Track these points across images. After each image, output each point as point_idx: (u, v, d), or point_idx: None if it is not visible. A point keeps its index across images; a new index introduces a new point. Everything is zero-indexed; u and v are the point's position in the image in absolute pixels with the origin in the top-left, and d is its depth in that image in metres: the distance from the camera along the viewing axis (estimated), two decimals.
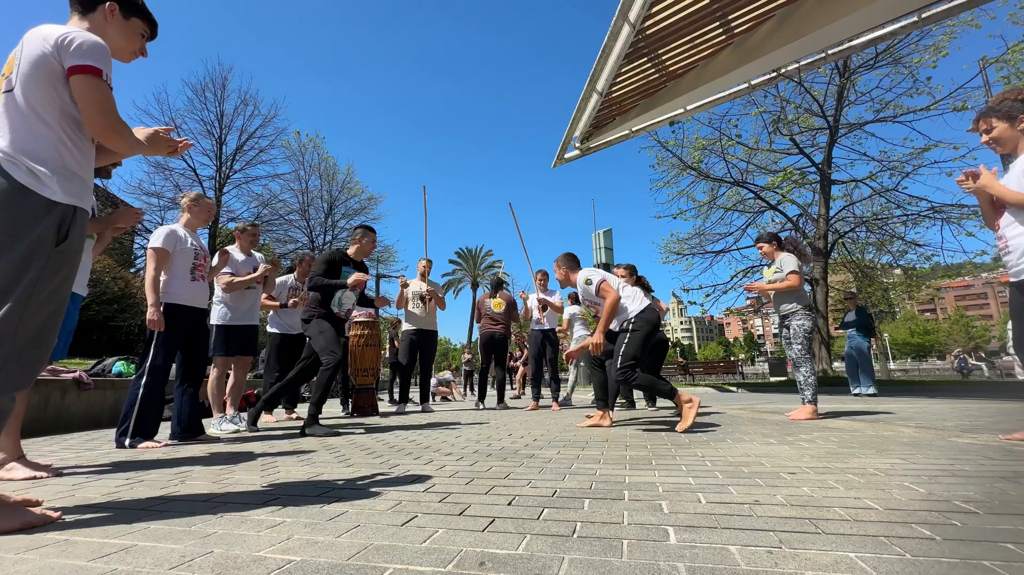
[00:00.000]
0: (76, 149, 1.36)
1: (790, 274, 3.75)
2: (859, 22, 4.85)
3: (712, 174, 13.73)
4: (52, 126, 1.31)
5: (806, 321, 3.73)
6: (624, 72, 6.04)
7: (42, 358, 1.29)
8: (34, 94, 1.30)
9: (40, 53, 1.30)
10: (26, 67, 1.30)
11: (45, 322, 1.27)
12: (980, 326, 63.32)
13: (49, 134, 1.31)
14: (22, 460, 2.03)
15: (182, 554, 1.01)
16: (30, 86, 1.30)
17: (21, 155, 1.26)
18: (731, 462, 1.93)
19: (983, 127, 2.44)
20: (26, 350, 1.23)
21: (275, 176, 19.09)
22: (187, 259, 3.11)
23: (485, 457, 2.19)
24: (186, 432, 3.11)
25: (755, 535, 1.05)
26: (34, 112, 1.30)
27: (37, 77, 1.30)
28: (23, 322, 1.21)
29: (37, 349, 1.26)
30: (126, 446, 2.74)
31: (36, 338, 1.25)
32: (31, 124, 1.29)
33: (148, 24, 1.65)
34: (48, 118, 1.31)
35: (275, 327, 4.86)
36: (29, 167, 1.26)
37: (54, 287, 1.28)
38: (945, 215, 11.45)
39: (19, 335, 1.21)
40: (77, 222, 1.33)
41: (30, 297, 1.22)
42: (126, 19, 1.57)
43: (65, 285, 1.32)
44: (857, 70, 11.73)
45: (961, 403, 5.06)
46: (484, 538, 1.07)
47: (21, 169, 1.25)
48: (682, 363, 20.03)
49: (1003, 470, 1.66)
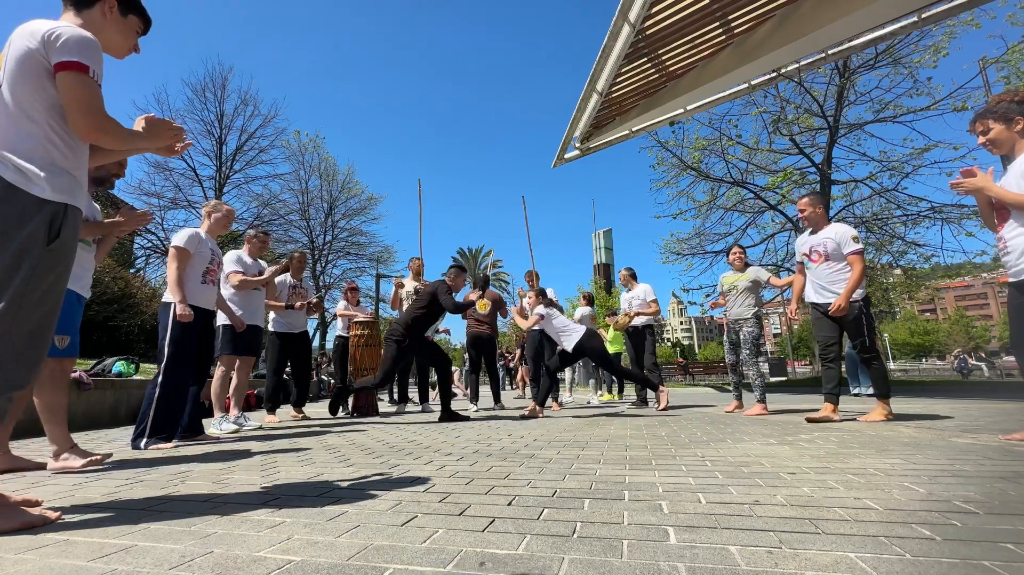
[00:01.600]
0: (65, 146, 1.34)
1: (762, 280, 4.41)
2: (859, 22, 4.85)
3: (712, 174, 13.71)
4: (40, 123, 1.29)
5: (756, 328, 4.35)
6: (624, 72, 6.04)
7: (39, 357, 1.28)
8: (21, 91, 1.28)
9: (26, 49, 1.28)
10: (12, 64, 1.28)
11: (40, 321, 1.26)
12: (980, 326, 63.30)
13: (37, 131, 1.28)
14: (75, 449, 2.16)
15: (182, 554, 1.01)
16: (17, 83, 1.28)
17: (8, 153, 1.24)
18: (731, 462, 1.93)
19: (980, 129, 2.45)
20: (23, 350, 1.23)
21: (275, 176, 19.10)
22: (202, 263, 3.18)
23: (485, 457, 2.19)
24: (186, 432, 3.12)
25: (755, 535, 1.05)
26: (21, 109, 1.27)
27: (24, 74, 1.28)
28: (17, 321, 1.20)
29: (34, 348, 1.26)
30: (141, 447, 2.72)
31: (32, 337, 1.25)
32: (18, 122, 1.27)
33: (144, 21, 1.64)
34: (36, 115, 1.29)
35: (277, 327, 4.87)
36: (16, 165, 1.24)
37: (48, 286, 1.26)
38: (945, 215, 11.43)
39: (15, 334, 1.20)
40: (69, 219, 1.31)
41: (23, 296, 1.21)
42: (124, 16, 1.57)
43: (59, 283, 1.31)
44: (857, 70, 11.71)
45: (961, 403, 5.06)
46: (484, 538, 1.07)
47: (8, 168, 1.23)
48: (682, 363, 20.04)
49: (1003, 470, 1.66)
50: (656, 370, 5.32)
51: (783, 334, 57.24)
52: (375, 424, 4.14)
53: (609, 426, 3.47)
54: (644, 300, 5.33)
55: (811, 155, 12.82)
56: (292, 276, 5.00)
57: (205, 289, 3.19)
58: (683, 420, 3.81)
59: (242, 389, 4.08)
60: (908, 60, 10.88)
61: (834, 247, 3.37)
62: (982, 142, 2.44)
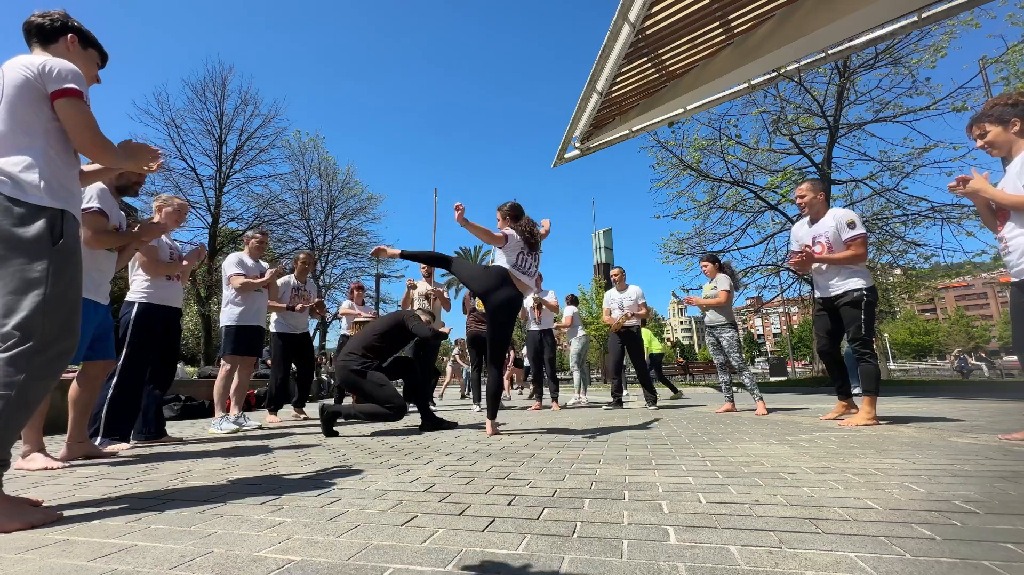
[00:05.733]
0: (60, 161, 1.49)
1: (721, 291, 4.46)
2: (859, 22, 4.85)
3: (712, 174, 13.71)
4: (37, 139, 1.45)
5: (734, 332, 4.42)
6: (624, 72, 6.03)
7: (70, 348, 1.42)
8: (20, 113, 1.44)
9: (24, 78, 1.45)
10: (11, 91, 1.44)
11: (68, 316, 1.41)
12: (980, 326, 63.29)
13: (34, 145, 1.44)
14: (42, 451, 2.23)
15: (182, 554, 1.01)
16: (16, 107, 1.44)
17: (5, 168, 1.38)
18: (731, 462, 1.93)
19: (977, 133, 2.47)
20: (54, 341, 1.37)
21: (275, 176, 19.10)
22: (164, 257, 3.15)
23: (485, 457, 2.19)
24: (152, 434, 3.10)
25: (755, 535, 1.05)
26: (20, 128, 1.44)
27: (23, 99, 1.45)
28: (48, 315, 1.35)
29: (64, 340, 1.40)
30: None
31: (63, 329, 1.40)
32: (16, 140, 1.43)
33: (100, 55, 1.85)
34: (33, 133, 1.45)
35: (279, 327, 4.87)
36: (16, 179, 1.38)
37: (67, 282, 1.42)
38: (945, 215, 11.43)
39: (47, 326, 1.35)
40: (68, 224, 1.45)
41: (48, 292, 1.36)
42: (84, 49, 1.76)
43: (76, 280, 1.46)
44: (857, 70, 11.70)
45: (961, 403, 5.06)
46: (484, 538, 1.07)
47: (6, 183, 1.38)
48: (682, 363, 20.02)
49: (1003, 470, 1.66)
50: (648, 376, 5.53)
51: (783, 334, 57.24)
52: (375, 424, 4.13)
53: (609, 426, 3.47)
54: (636, 302, 5.37)
55: (811, 155, 12.82)
56: (296, 278, 4.99)
57: (170, 285, 3.16)
58: (683, 420, 3.81)
59: (242, 389, 4.08)
60: (908, 60, 10.87)
61: (834, 234, 3.19)
62: (980, 145, 2.46)
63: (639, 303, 5.38)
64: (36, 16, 1.66)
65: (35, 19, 1.65)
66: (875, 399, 3.16)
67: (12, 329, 1.31)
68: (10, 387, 1.29)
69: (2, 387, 1.28)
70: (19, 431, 1.35)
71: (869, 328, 3.12)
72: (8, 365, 1.30)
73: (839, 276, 3.19)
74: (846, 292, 3.13)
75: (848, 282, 3.13)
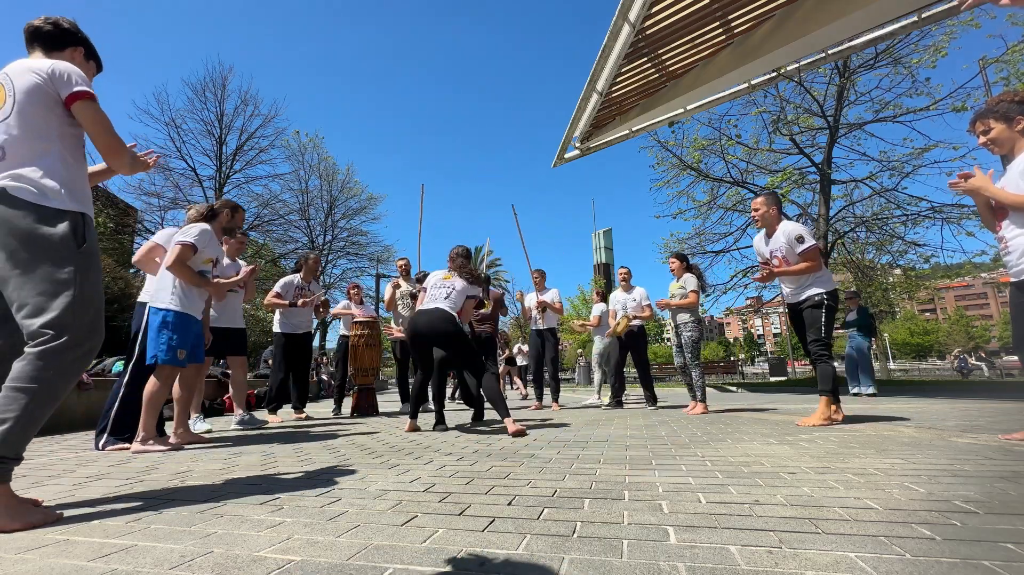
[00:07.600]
0: (75, 164, 1.50)
1: (691, 292, 4.53)
2: (859, 22, 4.85)
3: (712, 174, 13.71)
4: (53, 143, 1.45)
5: (695, 332, 4.56)
6: (624, 72, 6.03)
7: (94, 347, 1.45)
8: (33, 118, 1.43)
9: (34, 83, 1.44)
10: (23, 96, 1.43)
11: (94, 316, 1.44)
12: (980, 326, 63.27)
13: (51, 150, 1.45)
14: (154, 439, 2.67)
15: (182, 554, 1.01)
16: (29, 111, 1.43)
17: (26, 175, 1.39)
18: (731, 462, 1.93)
19: (980, 128, 2.45)
20: (84, 340, 1.40)
21: (275, 176, 19.06)
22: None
23: (485, 457, 2.19)
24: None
25: (755, 535, 1.05)
26: (36, 133, 1.43)
27: (34, 103, 1.44)
28: (77, 315, 1.38)
29: (91, 340, 1.43)
30: (99, 448, 2.71)
31: (91, 330, 1.43)
32: (33, 145, 1.42)
33: (98, 67, 1.86)
34: (48, 137, 1.45)
35: (281, 327, 4.87)
36: (36, 185, 1.39)
37: (92, 283, 1.45)
38: (945, 215, 11.43)
39: (78, 325, 1.38)
40: (88, 226, 1.48)
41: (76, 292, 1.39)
42: (86, 61, 1.76)
43: (98, 282, 1.49)
44: (857, 70, 11.70)
45: (961, 403, 5.06)
46: (484, 538, 1.07)
47: (27, 190, 1.38)
48: None
49: (1003, 470, 1.66)
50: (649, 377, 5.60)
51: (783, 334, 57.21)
52: (375, 424, 4.13)
53: (609, 426, 3.47)
54: (639, 304, 5.37)
55: (811, 155, 12.81)
56: (302, 278, 4.99)
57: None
58: (683, 420, 3.81)
59: (242, 389, 4.07)
60: (908, 60, 10.87)
61: (788, 249, 3.27)
62: (983, 142, 2.44)
63: (643, 305, 5.37)
64: (45, 22, 1.62)
65: (44, 25, 1.62)
66: (830, 399, 3.24)
67: (42, 327, 1.33)
68: (36, 381, 1.30)
69: (29, 381, 1.30)
70: (37, 428, 1.35)
71: (828, 330, 3.23)
72: (38, 359, 1.32)
73: (801, 284, 3.32)
74: (808, 297, 3.27)
75: (810, 289, 3.29)
